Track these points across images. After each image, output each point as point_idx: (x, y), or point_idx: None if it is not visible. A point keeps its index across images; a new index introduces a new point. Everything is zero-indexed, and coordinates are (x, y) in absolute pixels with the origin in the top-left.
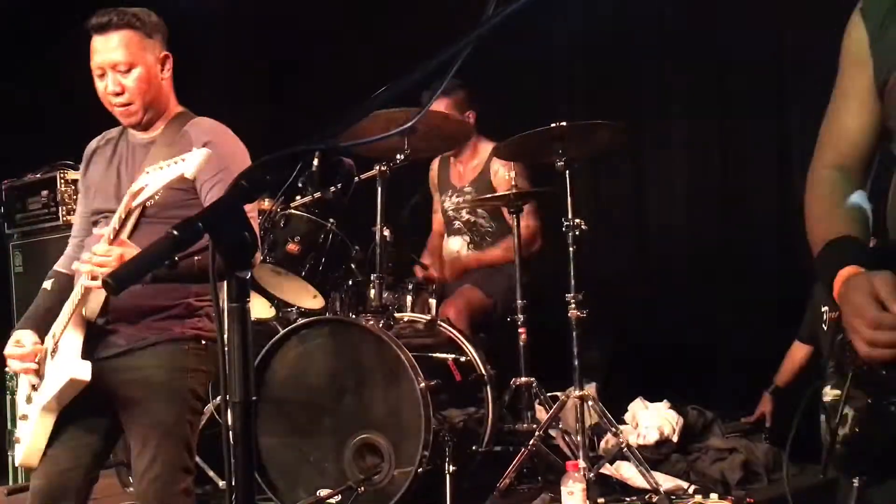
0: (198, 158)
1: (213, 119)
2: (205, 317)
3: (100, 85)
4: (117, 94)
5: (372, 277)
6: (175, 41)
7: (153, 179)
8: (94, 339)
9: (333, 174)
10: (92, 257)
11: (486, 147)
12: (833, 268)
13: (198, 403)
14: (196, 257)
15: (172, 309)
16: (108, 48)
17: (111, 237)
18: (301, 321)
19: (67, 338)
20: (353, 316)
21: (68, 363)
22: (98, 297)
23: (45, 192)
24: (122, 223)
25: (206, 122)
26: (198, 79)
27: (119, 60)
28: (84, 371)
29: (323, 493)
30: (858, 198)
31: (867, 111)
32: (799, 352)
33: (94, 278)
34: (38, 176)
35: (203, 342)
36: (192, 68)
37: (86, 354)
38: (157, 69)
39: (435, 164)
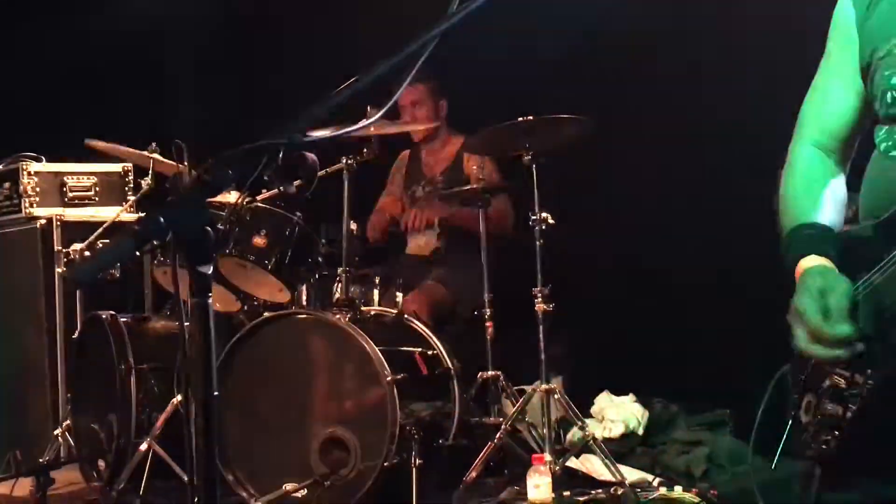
0: None
1: None
2: None
3: None
4: None
5: (338, 271)
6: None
7: None
8: None
9: (296, 169)
10: None
11: (457, 139)
12: (796, 254)
13: None
14: None
15: None
16: None
17: None
18: (267, 315)
19: None
20: (320, 309)
21: None
22: None
23: (7, 185)
24: None
25: None
26: (164, 71)
27: None
28: None
29: (288, 486)
30: (835, 181)
31: (852, 91)
32: None
33: None
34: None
35: None
36: (161, 64)
37: None
38: None
39: (405, 154)
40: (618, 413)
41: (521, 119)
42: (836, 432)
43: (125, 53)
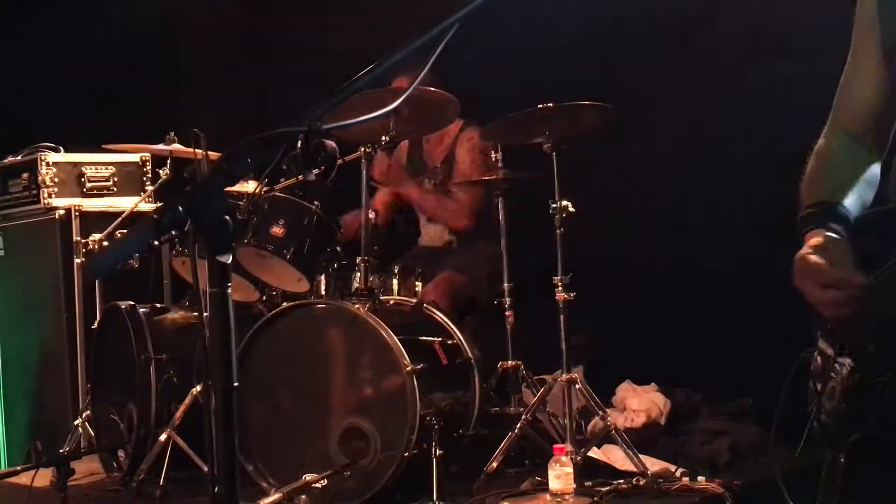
0: None
1: None
2: None
3: None
4: None
5: (357, 260)
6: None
7: None
8: None
9: (316, 156)
10: None
11: (456, 124)
12: (804, 229)
13: None
14: None
15: None
16: None
17: None
18: (286, 305)
19: None
20: (339, 299)
21: None
22: None
23: (25, 175)
24: None
25: None
26: (181, 61)
27: None
28: None
29: (308, 477)
30: (863, 164)
31: (879, 78)
32: None
33: None
34: (18, 158)
35: None
36: (175, 50)
37: None
38: None
39: (404, 145)
40: (640, 403)
41: (540, 106)
42: (861, 419)
43: (142, 43)
